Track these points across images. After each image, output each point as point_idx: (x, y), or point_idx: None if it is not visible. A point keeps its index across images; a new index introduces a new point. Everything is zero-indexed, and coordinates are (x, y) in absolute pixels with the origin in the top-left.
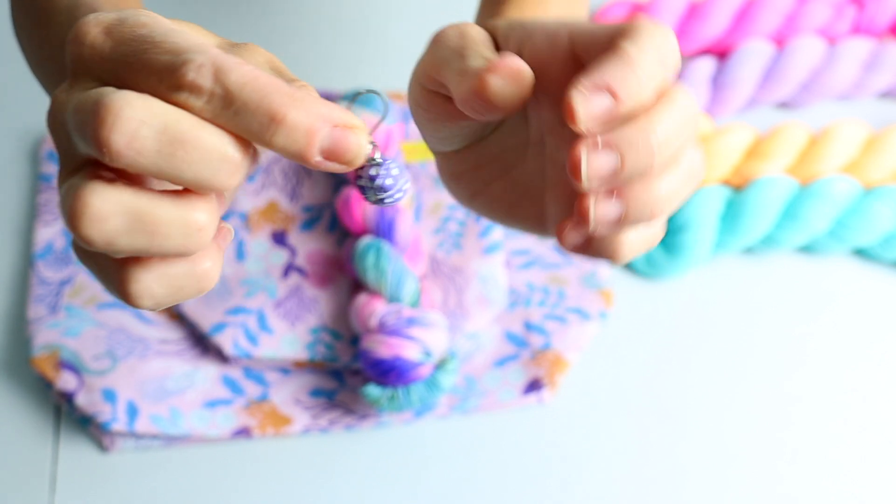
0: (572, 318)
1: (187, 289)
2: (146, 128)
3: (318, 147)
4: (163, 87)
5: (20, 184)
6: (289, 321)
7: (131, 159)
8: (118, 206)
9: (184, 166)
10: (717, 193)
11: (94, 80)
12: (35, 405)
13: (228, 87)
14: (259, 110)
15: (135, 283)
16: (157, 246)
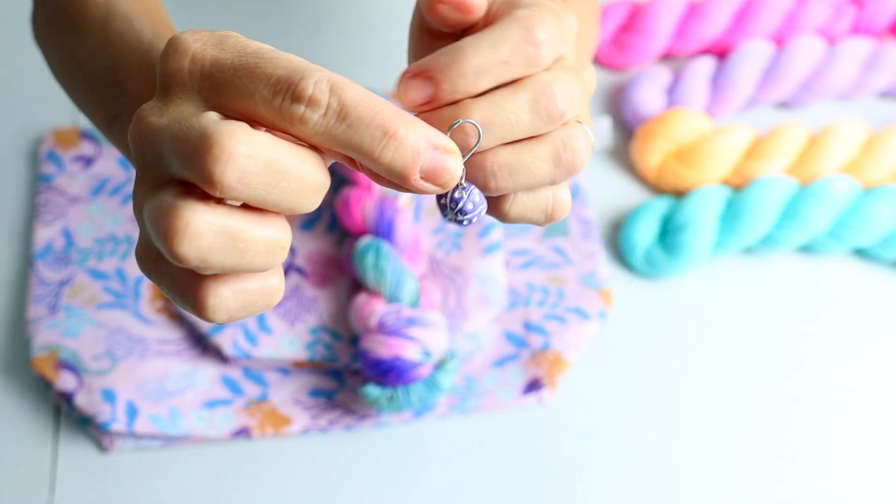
0: (572, 318)
1: (258, 304)
2: (254, 162)
3: (420, 166)
4: (277, 100)
5: (20, 184)
6: (288, 321)
7: (240, 193)
8: (214, 225)
9: (284, 195)
10: (717, 193)
11: (189, 96)
12: (35, 405)
13: (345, 101)
14: (373, 124)
15: (213, 297)
16: (245, 263)
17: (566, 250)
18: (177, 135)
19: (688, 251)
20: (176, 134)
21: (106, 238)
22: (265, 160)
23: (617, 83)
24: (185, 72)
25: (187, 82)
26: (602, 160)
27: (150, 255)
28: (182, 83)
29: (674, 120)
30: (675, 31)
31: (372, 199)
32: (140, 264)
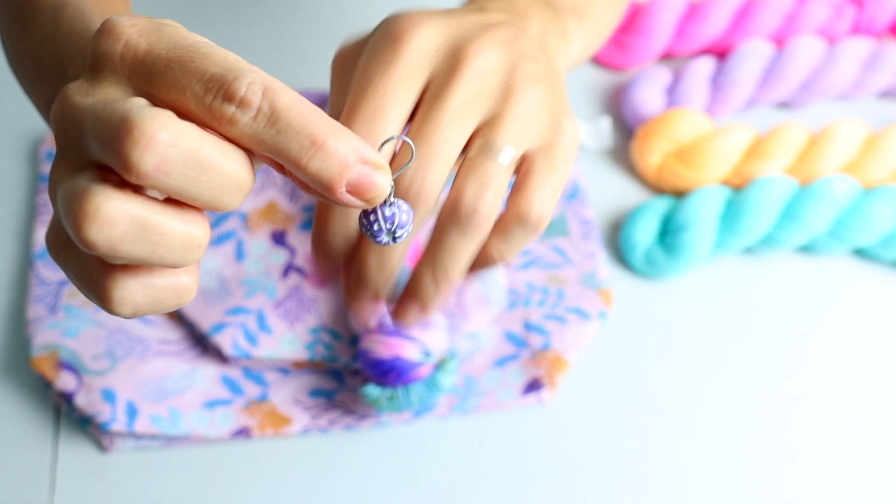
0: (572, 318)
1: (167, 301)
2: (175, 151)
3: (346, 179)
4: (208, 97)
5: (20, 184)
6: (288, 321)
7: (158, 181)
8: (127, 213)
9: (205, 189)
10: (716, 193)
11: (118, 81)
12: (35, 405)
13: (277, 106)
14: (302, 132)
15: (119, 289)
16: (157, 256)
17: (566, 250)
18: (99, 115)
19: (688, 251)
20: (98, 114)
21: None
22: (188, 150)
23: (617, 83)
24: (117, 56)
25: (118, 67)
26: (602, 160)
27: (59, 240)
28: (112, 67)
29: (674, 120)
30: (675, 31)
31: None
32: (49, 248)
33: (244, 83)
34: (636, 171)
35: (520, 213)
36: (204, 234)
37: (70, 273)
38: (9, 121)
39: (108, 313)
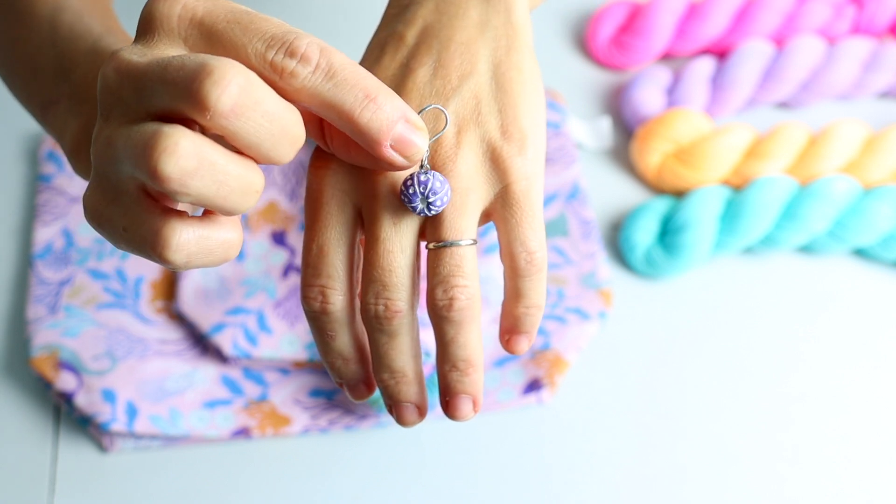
0: (572, 318)
1: (217, 252)
2: (247, 96)
3: (392, 134)
4: (270, 52)
5: (20, 184)
6: (288, 321)
7: (230, 122)
8: (199, 150)
9: (266, 137)
10: (716, 193)
11: (174, 41)
12: (35, 405)
13: (333, 63)
14: (357, 87)
15: (176, 235)
16: (220, 196)
17: (566, 250)
18: (169, 65)
19: (688, 251)
20: (168, 64)
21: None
22: (257, 97)
23: (617, 83)
24: (175, 17)
25: (174, 28)
26: (602, 160)
27: (106, 198)
28: (169, 28)
29: (674, 120)
30: (675, 32)
31: None
32: (90, 211)
33: (304, 42)
34: (636, 171)
35: (515, 269)
36: (260, 181)
37: (118, 228)
38: (9, 121)
39: (162, 262)
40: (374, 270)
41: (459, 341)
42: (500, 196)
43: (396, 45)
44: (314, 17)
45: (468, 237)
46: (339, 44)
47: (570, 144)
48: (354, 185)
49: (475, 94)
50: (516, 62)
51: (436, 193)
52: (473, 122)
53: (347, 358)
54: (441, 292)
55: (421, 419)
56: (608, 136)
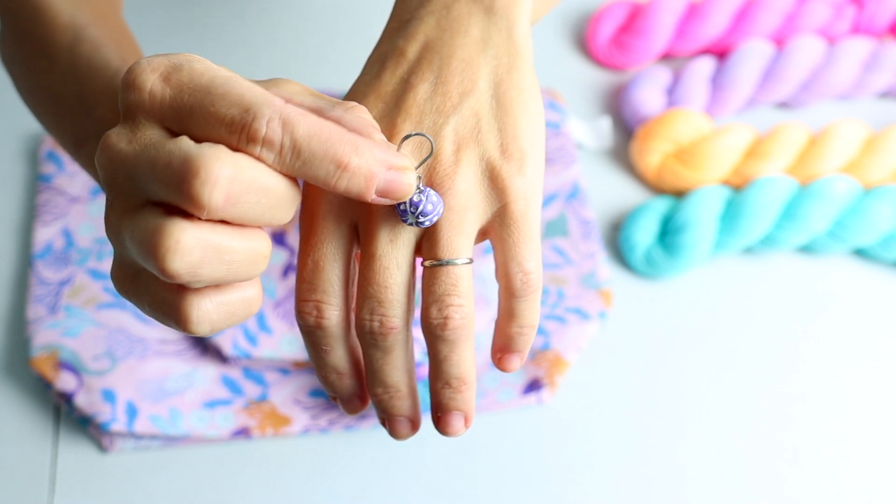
0: (572, 318)
1: (238, 313)
2: (238, 184)
3: (375, 188)
4: (233, 140)
5: (20, 184)
6: (288, 321)
7: (226, 213)
8: (202, 241)
9: (264, 210)
10: (716, 193)
11: (155, 124)
12: (35, 405)
13: (297, 139)
14: (326, 159)
15: (196, 310)
16: (231, 274)
17: (566, 250)
18: (156, 160)
19: (688, 251)
20: (155, 160)
21: (106, 238)
22: (247, 181)
23: (617, 83)
24: (146, 105)
25: (149, 114)
26: (602, 160)
27: (127, 275)
28: (145, 113)
29: (673, 120)
30: (675, 32)
31: None
32: (117, 285)
33: (263, 122)
34: (636, 171)
35: (510, 289)
36: (267, 246)
37: (143, 304)
38: (9, 121)
39: (188, 333)
40: (369, 287)
41: (453, 360)
42: (498, 215)
43: (397, 59)
44: (314, 17)
45: (464, 256)
46: (340, 44)
47: (570, 144)
48: (351, 201)
49: (475, 112)
50: (517, 81)
51: (425, 215)
52: (473, 140)
53: (342, 372)
54: (436, 311)
55: (414, 432)
56: (608, 136)
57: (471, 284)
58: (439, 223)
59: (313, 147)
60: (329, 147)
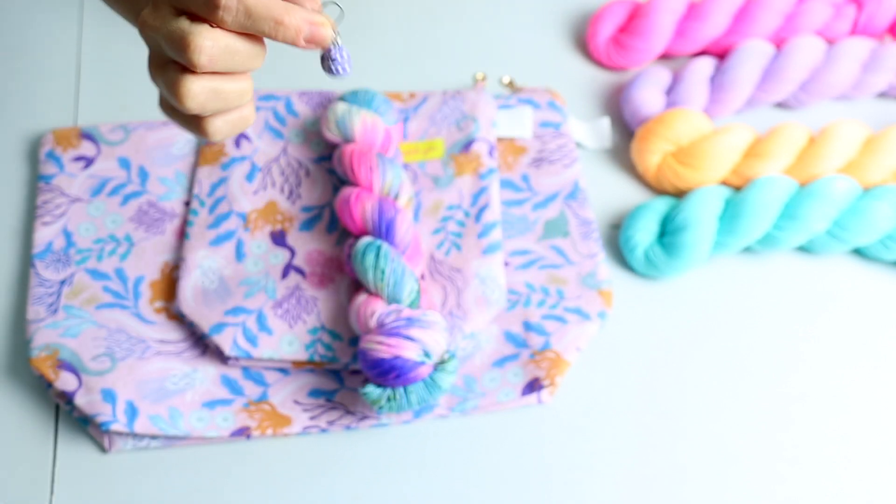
0: (572, 319)
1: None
2: (216, 48)
3: (303, 37)
4: (204, 10)
5: (20, 184)
6: (288, 321)
7: (213, 67)
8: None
9: (241, 62)
10: (716, 193)
11: (167, 5)
12: (35, 405)
13: (248, 5)
14: (268, 17)
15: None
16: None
17: (566, 250)
18: (167, 35)
19: (687, 251)
20: (166, 34)
21: (106, 238)
22: (222, 45)
23: (616, 83)
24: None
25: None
26: (602, 160)
27: (158, 63)
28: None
29: (673, 120)
30: (675, 32)
31: (372, 199)
32: (150, 71)
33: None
34: (636, 171)
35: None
36: (249, 85)
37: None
38: (9, 121)
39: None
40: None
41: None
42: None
43: None
44: None
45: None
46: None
47: (571, 144)
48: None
49: None
50: None
51: (334, 61)
52: None
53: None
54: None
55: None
56: (607, 136)
57: None
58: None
59: (259, 10)
60: (269, 10)
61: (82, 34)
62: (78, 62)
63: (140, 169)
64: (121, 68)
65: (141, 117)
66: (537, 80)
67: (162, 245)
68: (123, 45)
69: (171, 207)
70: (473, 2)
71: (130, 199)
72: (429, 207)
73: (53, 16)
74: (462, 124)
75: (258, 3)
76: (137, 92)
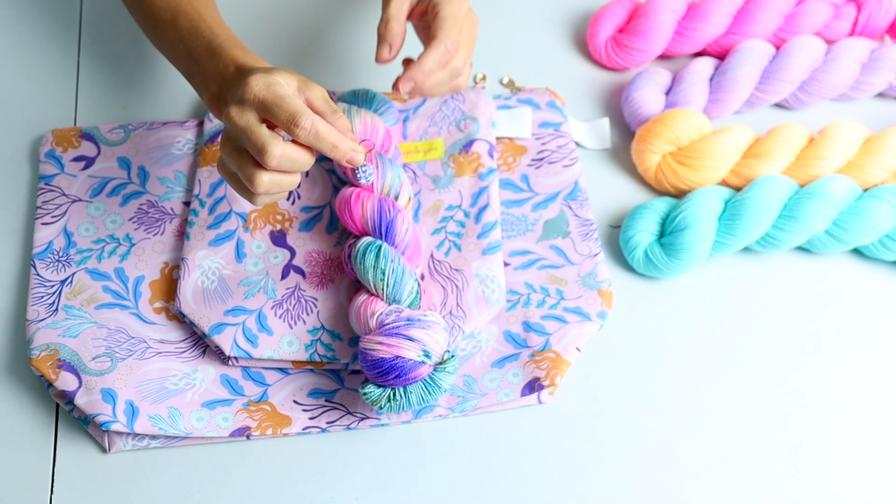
0: (571, 319)
1: (285, 184)
2: (283, 158)
3: (346, 159)
4: (288, 125)
5: (20, 184)
6: (288, 322)
7: (280, 167)
8: (283, 152)
9: (299, 166)
10: (716, 193)
11: (252, 109)
12: (35, 405)
13: (317, 131)
14: (328, 141)
15: (261, 175)
16: (296, 166)
17: (566, 251)
18: (249, 136)
19: (687, 251)
20: (248, 135)
21: (106, 238)
22: (288, 154)
23: (616, 83)
24: (251, 100)
25: (251, 104)
26: (602, 160)
27: (234, 149)
28: (249, 104)
29: (673, 120)
30: (675, 32)
31: (372, 199)
32: (223, 148)
33: (304, 121)
34: (636, 171)
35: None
36: (299, 177)
37: (229, 171)
38: (9, 121)
39: (253, 190)
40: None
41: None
42: None
43: None
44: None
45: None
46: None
47: (570, 144)
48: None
49: None
50: None
51: (358, 178)
52: None
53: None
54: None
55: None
56: (607, 136)
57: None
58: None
59: (323, 135)
60: (329, 136)
61: (82, 34)
62: (78, 62)
63: (140, 169)
64: (121, 68)
65: (141, 117)
66: (537, 81)
67: (162, 245)
68: (123, 46)
69: (171, 208)
70: (473, 2)
71: (130, 200)
72: (429, 207)
73: (53, 16)
74: (462, 124)
75: (323, 129)
76: (137, 92)
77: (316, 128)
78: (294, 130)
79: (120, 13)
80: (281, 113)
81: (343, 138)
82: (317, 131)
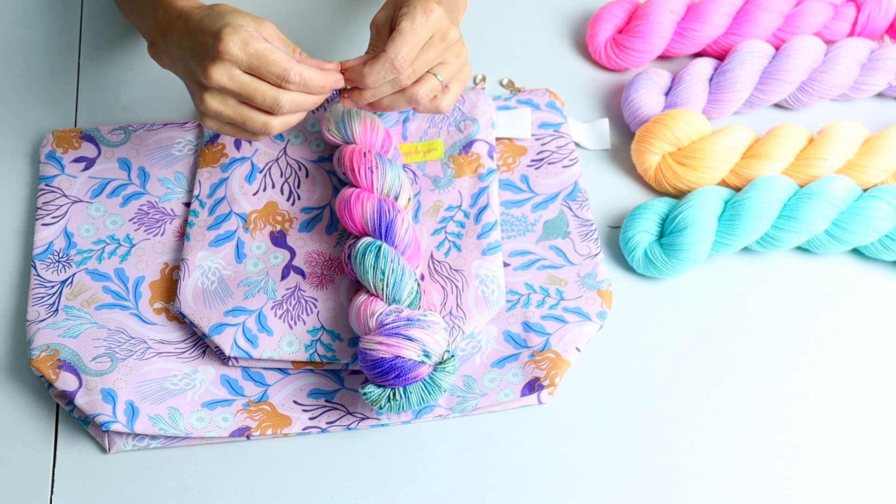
0: (571, 319)
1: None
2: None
3: (326, 94)
4: (278, 81)
5: (20, 184)
6: (288, 322)
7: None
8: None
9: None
10: (716, 193)
11: (233, 66)
12: (35, 405)
13: (305, 80)
14: (316, 85)
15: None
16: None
17: (566, 251)
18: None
19: (687, 251)
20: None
21: (106, 239)
22: (294, 99)
23: (616, 84)
24: (232, 60)
25: (228, 62)
26: (602, 160)
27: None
28: (224, 61)
29: (672, 121)
30: (674, 32)
31: (372, 199)
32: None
33: (293, 74)
34: (636, 172)
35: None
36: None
37: (224, 119)
38: (9, 121)
39: (266, 131)
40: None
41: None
42: None
43: None
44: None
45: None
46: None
47: (570, 145)
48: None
49: None
50: None
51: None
52: None
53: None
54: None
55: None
56: (607, 136)
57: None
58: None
59: (310, 84)
60: (316, 81)
61: (82, 34)
62: (78, 63)
63: (140, 170)
64: (121, 70)
65: (141, 118)
66: (537, 81)
67: (162, 246)
68: (124, 47)
69: (171, 208)
70: (474, 3)
71: (131, 200)
72: (428, 208)
73: (54, 17)
74: (462, 125)
75: (309, 76)
76: (138, 93)
77: (303, 76)
78: (284, 86)
79: (120, 14)
80: (268, 73)
81: (326, 76)
82: (305, 80)
